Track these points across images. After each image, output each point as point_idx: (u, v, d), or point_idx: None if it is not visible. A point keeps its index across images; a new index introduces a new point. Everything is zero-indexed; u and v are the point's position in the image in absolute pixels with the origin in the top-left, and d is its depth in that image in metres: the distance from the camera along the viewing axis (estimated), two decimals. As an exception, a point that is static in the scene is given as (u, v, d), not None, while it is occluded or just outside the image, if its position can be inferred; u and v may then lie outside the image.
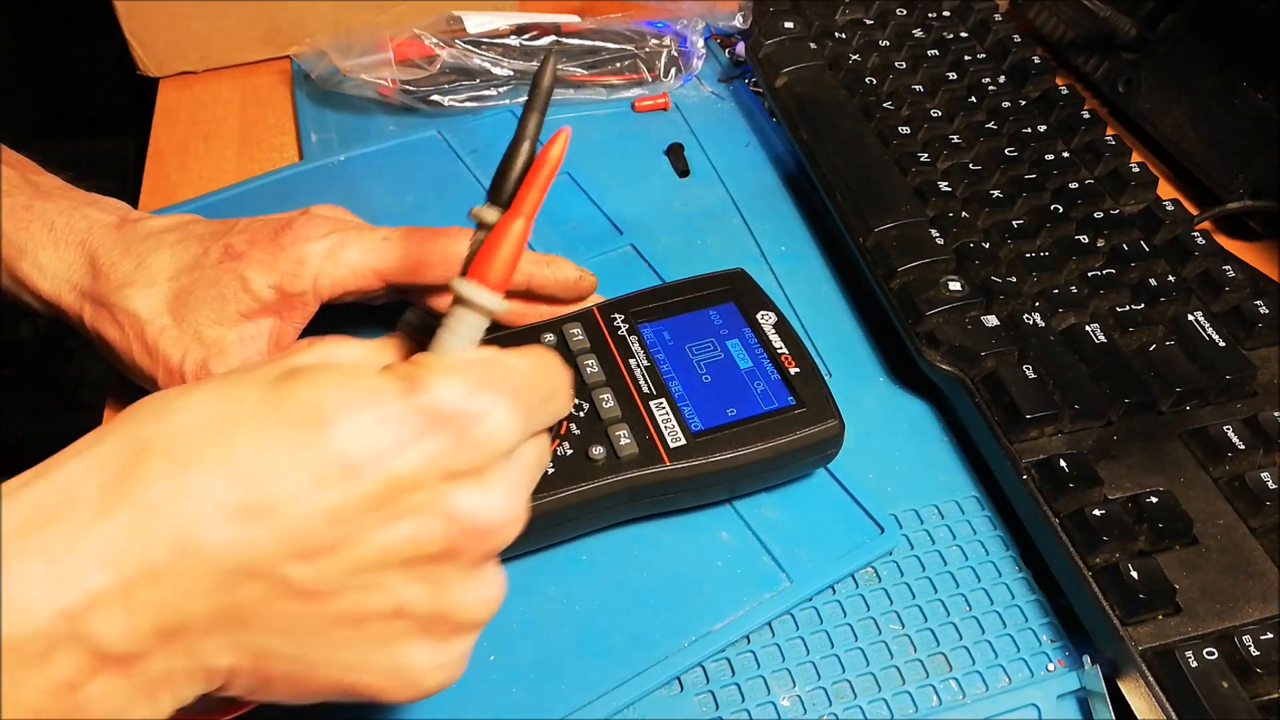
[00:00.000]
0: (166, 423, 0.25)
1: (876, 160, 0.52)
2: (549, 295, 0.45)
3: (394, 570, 0.26)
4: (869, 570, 0.40)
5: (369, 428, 0.25)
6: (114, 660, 0.23)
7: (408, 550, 0.26)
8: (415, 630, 0.27)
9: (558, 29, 0.61)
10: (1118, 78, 0.61)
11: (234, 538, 0.24)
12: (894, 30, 0.61)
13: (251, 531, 0.24)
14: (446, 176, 0.56)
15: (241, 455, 0.24)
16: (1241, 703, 0.33)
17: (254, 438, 0.25)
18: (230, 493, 0.24)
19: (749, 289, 0.45)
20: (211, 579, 0.24)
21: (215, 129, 0.60)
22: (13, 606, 0.22)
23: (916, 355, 0.45)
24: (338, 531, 0.25)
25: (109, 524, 0.23)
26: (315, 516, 0.25)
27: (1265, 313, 0.45)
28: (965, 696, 0.36)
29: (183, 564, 0.23)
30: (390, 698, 0.28)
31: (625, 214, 0.53)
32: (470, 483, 0.27)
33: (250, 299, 0.40)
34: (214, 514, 0.24)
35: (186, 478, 0.24)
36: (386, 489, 0.25)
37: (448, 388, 0.27)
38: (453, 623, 0.28)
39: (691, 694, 0.36)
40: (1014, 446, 0.41)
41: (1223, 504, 0.39)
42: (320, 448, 0.25)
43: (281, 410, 0.25)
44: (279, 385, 0.26)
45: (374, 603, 0.26)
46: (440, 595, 0.27)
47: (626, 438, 0.38)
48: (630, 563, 0.39)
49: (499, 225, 0.29)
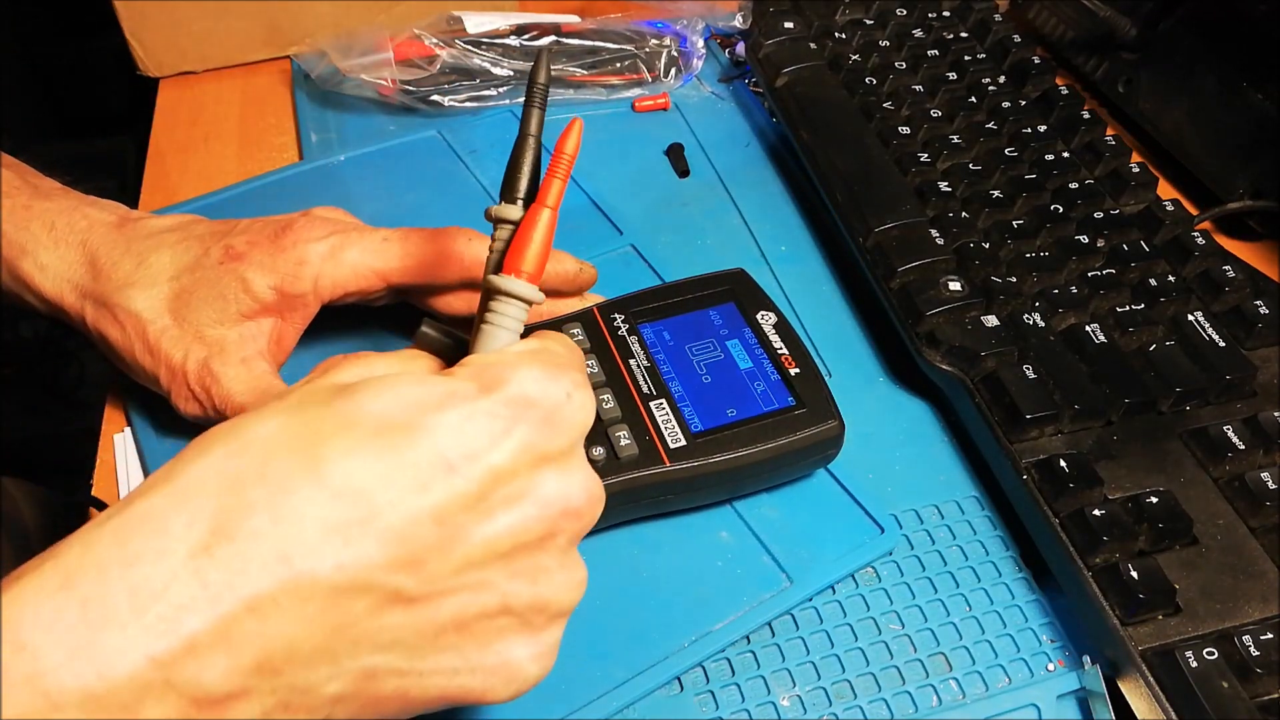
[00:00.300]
0: (249, 451, 0.24)
1: (876, 160, 0.52)
2: (550, 289, 0.45)
3: (496, 565, 0.26)
4: (869, 570, 0.40)
5: (461, 426, 0.25)
6: (212, 702, 0.22)
7: (509, 542, 0.26)
8: (516, 624, 0.27)
9: (558, 29, 0.61)
10: (1118, 78, 0.61)
11: (343, 556, 0.23)
12: (894, 30, 0.61)
13: (359, 547, 0.24)
14: (446, 176, 0.56)
15: (339, 471, 0.24)
16: (1241, 703, 0.33)
17: (347, 452, 0.24)
18: (334, 511, 0.23)
19: (749, 289, 0.45)
20: (320, 602, 0.23)
21: (215, 129, 0.60)
22: (99, 656, 0.21)
23: (916, 355, 0.45)
24: (443, 533, 0.25)
25: (204, 563, 0.22)
26: (420, 521, 0.24)
27: (1265, 313, 0.45)
28: (965, 696, 0.36)
29: (290, 591, 0.23)
30: (493, 697, 0.28)
31: (625, 214, 0.53)
32: (557, 466, 0.27)
33: (251, 300, 0.40)
34: (319, 535, 0.23)
35: (286, 502, 0.23)
36: (486, 484, 0.25)
37: (527, 377, 0.27)
38: (550, 611, 0.28)
39: (691, 694, 0.36)
40: (1014, 446, 0.41)
41: (1223, 504, 0.39)
42: (417, 451, 0.25)
43: (366, 422, 0.25)
44: (347, 400, 0.26)
45: (480, 602, 0.26)
46: (539, 585, 0.27)
47: (626, 438, 0.38)
48: (630, 563, 0.39)
49: (528, 217, 0.30)
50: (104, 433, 0.44)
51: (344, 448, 0.24)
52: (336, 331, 0.46)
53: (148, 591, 0.22)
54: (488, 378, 0.27)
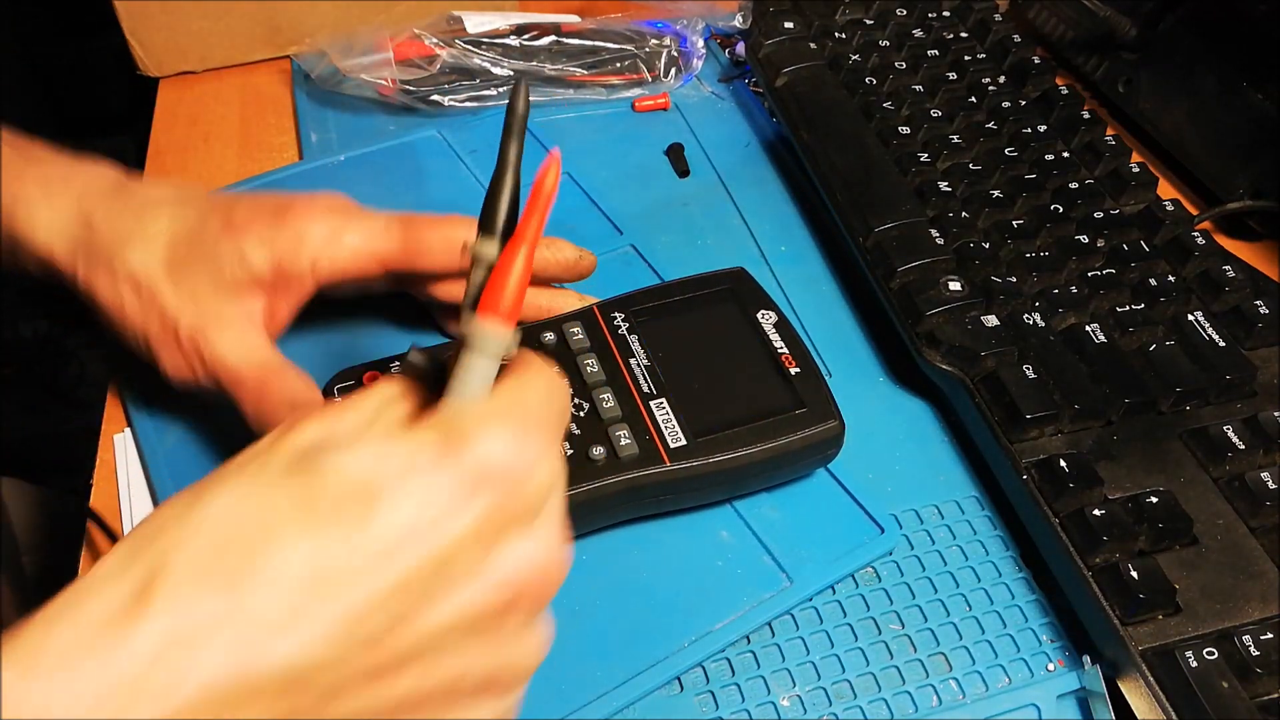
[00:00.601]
0: (196, 537, 0.23)
1: (876, 160, 0.52)
2: (550, 277, 0.45)
3: (455, 638, 0.25)
4: (869, 570, 0.40)
5: (419, 499, 0.24)
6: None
7: (469, 615, 0.25)
8: (477, 690, 0.26)
9: (558, 29, 0.61)
10: (1118, 78, 0.61)
11: (293, 647, 0.22)
12: (894, 30, 0.61)
13: (312, 637, 0.22)
14: (446, 176, 0.56)
15: (294, 559, 0.23)
16: (1241, 703, 0.33)
17: (302, 534, 0.23)
18: (286, 600, 0.22)
19: (749, 288, 0.45)
20: (272, 695, 0.22)
21: (215, 129, 0.60)
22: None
23: (916, 355, 0.45)
24: (400, 611, 0.24)
25: (153, 658, 0.21)
26: (376, 603, 0.23)
27: (1265, 313, 0.45)
28: (965, 696, 0.36)
29: (240, 686, 0.22)
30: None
31: (625, 214, 0.53)
32: (521, 534, 0.26)
33: (246, 273, 0.40)
34: (270, 627, 0.22)
35: (237, 593, 0.22)
36: (445, 557, 0.24)
37: (491, 443, 0.25)
38: (510, 676, 0.27)
39: (691, 694, 0.36)
40: (1014, 446, 0.41)
41: (1223, 504, 0.39)
42: (375, 528, 0.23)
43: (323, 500, 0.24)
44: (304, 472, 0.24)
45: (438, 675, 0.25)
46: (499, 654, 0.26)
47: (626, 438, 0.38)
48: (630, 563, 0.39)
49: (504, 258, 0.29)
50: (104, 432, 0.44)
51: (298, 531, 0.23)
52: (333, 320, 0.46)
53: (95, 686, 0.21)
54: (454, 437, 0.25)
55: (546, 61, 0.60)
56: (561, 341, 0.42)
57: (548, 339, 0.42)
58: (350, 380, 0.40)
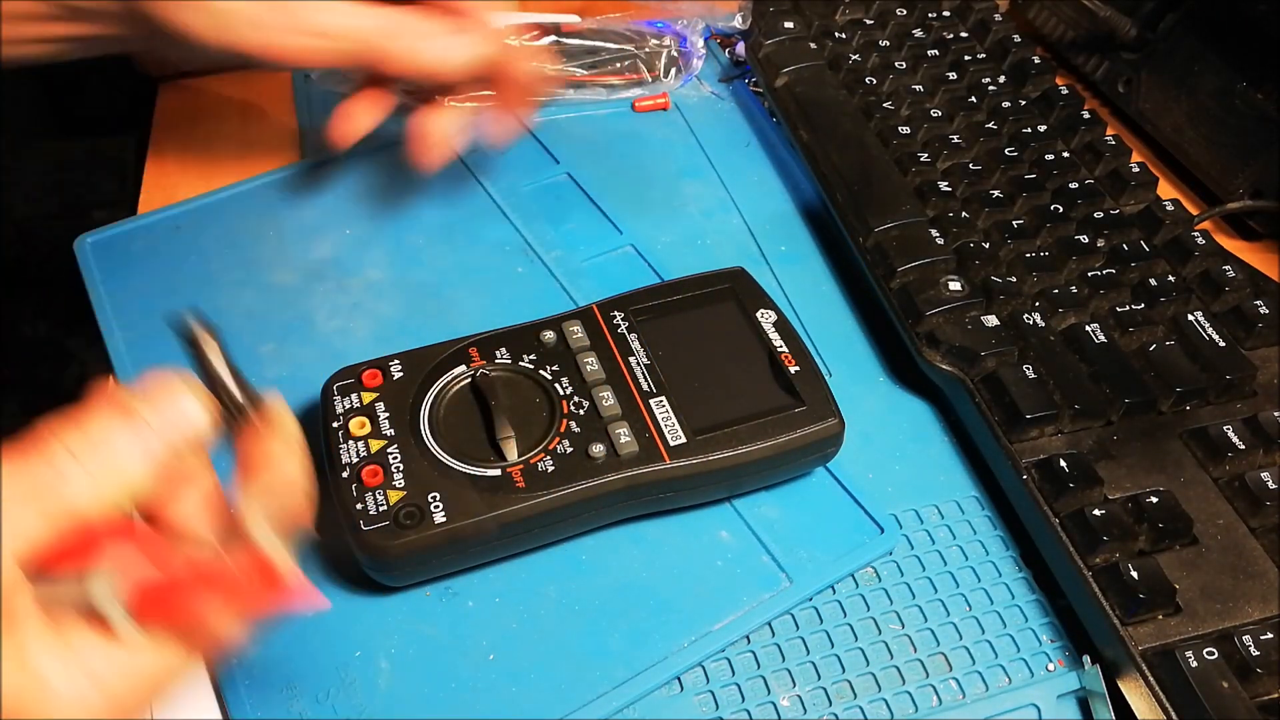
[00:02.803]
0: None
1: (876, 160, 0.52)
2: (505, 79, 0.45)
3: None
4: (869, 570, 0.40)
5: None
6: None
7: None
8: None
9: (558, 29, 0.61)
10: (1118, 78, 0.61)
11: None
12: (894, 30, 0.61)
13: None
14: (447, 177, 0.56)
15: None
16: (1241, 703, 0.33)
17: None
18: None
19: (749, 287, 0.45)
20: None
21: (215, 129, 0.60)
22: None
23: (916, 355, 0.45)
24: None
25: None
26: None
27: (1265, 313, 0.45)
28: (965, 696, 0.36)
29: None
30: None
31: (625, 214, 0.53)
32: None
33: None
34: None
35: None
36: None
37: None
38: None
39: (691, 694, 0.36)
40: (1014, 446, 0.40)
41: (1223, 504, 0.39)
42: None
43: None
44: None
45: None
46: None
47: (626, 436, 0.38)
48: (630, 563, 0.39)
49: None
50: (103, 432, 0.44)
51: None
52: (332, 324, 0.46)
53: None
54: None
55: (546, 62, 0.60)
56: (561, 339, 0.42)
57: (547, 338, 0.42)
58: (350, 379, 0.40)
